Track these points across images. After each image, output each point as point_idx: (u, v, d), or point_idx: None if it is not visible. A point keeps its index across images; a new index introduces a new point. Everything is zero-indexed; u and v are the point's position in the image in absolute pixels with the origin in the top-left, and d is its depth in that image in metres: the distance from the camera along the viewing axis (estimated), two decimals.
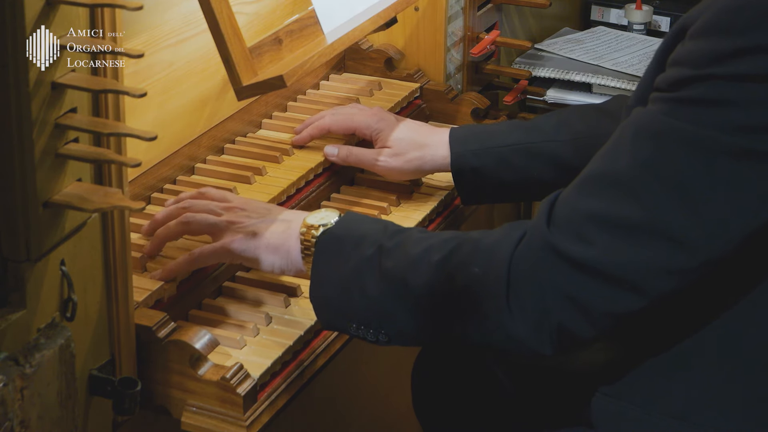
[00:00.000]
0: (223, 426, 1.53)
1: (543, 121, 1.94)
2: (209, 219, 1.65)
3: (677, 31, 1.39)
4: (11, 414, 1.30)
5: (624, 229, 1.37)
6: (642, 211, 1.36)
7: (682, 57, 1.36)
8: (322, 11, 1.86)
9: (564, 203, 1.42)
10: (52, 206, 1.34)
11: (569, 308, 1.40)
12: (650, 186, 1.36)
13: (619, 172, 1.38)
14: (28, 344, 1.35)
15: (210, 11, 1.67)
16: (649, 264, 1.37)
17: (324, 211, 1.63)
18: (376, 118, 1.97)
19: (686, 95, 1.34)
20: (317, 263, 1.58)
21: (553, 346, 1.43)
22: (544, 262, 1.41)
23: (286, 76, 1.67)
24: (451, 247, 1.49)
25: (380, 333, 1.54)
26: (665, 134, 1.35)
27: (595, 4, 2.92)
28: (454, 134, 1.94)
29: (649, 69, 1.44)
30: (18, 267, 1.34)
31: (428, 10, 2.25)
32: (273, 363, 1.58)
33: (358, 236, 1.56)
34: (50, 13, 1.29)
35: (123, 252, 1.47)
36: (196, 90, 1.88)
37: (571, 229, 1.40)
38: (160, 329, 1.54)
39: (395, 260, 1.51)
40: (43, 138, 1.31)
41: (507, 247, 1.44)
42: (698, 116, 1.33)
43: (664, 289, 1.39)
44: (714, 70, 1.32)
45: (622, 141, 1.40)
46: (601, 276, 1.39)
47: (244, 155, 1.96)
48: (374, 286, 1.52)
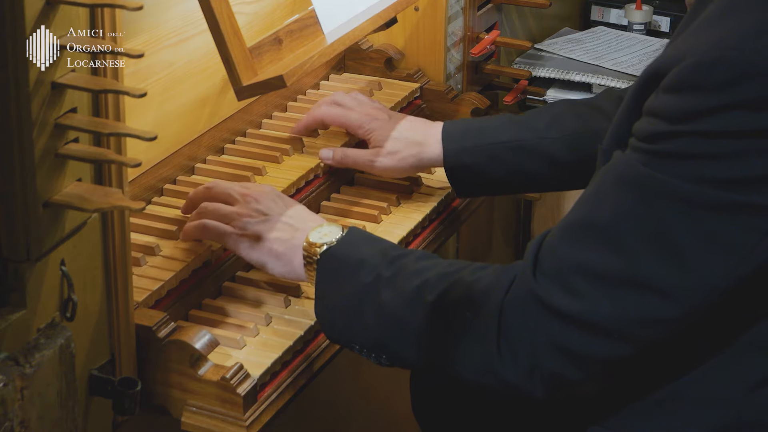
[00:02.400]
0: (223, 426, 1.53)
1: (535, 117, 1.95)
2: (221, 209, 1.68)
3: (650, 75, 1.38)
4: (11, 414, 1.30)
5: (609, 281, 1.38)
6: (624, 262, 1.37)
7: (656, 109, 1.35)
8: (322, 11, 1.86)
9: (549, 251, 1.43)
10: (52, 206, 1.34)
11: (558, 356, 1.42)
12: (632, 237, 1.36)
13: (601, 222, 1.38)
14: (28, 344, 1.35)
15: (210, 11, 1.67)
16: (635, 315, 1.38)
17: (327, 227, 1.64)
18: (369, 118, 1.98)
19: (663, 149, 1.34)
20: (320, 283, 1.60)
21: (546, 390, 1.45)
22: (531, 312, 1.42)
23: (286, 76, 1.67)
24: (444, 287, 1.50)
25: (382, 357, 1.57)
26: (645, 185, 1.35)
27: (595, 4, 2.92)
28: (447, 131, 1.95)
29: (624, 111, 1.44)
30: (18, 267, 1.34)
31: (428, 10, 2.25)
32: (273, 363, 1.58)
33: (358, 260, 1.58)
34: (50, 13, 1.29)
35: (123, 252, 1.47)
36: (196, 90, 1.88)
37: (556, 280, 1.41)
38: (160, 329, 1.54)
39: (392, 293, 1.53)
40: (43, 138, 1.31)
41: (498, 293, 1.45)
42: (677, 169, 1.33)
43: (652, 338, 1.41)
44: (688, 127, 1.32)
45: (603, 188, 1.40)
46: (588, 327, 1.40)
47: (244, 155, 1.96)
48: (372, 317, 1.54)
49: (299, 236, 1.64)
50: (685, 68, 1.32)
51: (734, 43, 1.30)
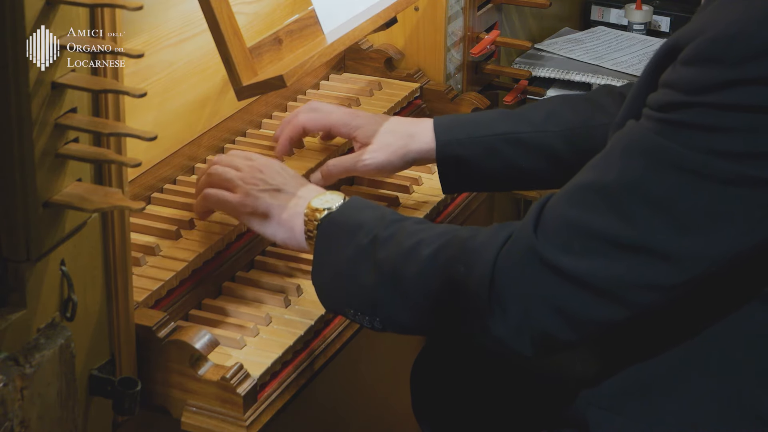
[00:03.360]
0: (223, 426, 1.53)
1: (532, 111, 1.91)
2: (227, 173, 1.69)
3: (668, 50, 1.39)
4: (11, 414, 1.30)
5: (609, 243, 1.38)
6: (628, 226, 1.37)
7: (673, 81, 1.36)
8: (322, 11, 1.86)
9: (553, 211, 1.43)
10: (52, 206, 1.34)
11: (551, 315, 1.41)
12: (638, 203, 1.36)
13: (609, 186, 1.39)
14: (28, 344, 1.35)
15: (210, 11, 1.67)
16: (633, 279, 1.38)
17: (329, 194, 1.64)
18: (353, 116, 1.93)
19: (676, 119, 1.35)
20: (318, 248, 1.60)
21: (535, 349, 1.44)
22: (528, 267, 1.41)
23: (286, 76, 1.67)
24: (440, 243, 1.50)
25: (375, 320, 1.55)
26: (655, 153, 1.36)
27: (595, 4, 2.92)
28: (439, 123, 1.90)
29: (639, 85, 1.44)
30: (18, 267, 1.34)
31: (428, 10, 2.25)
32: (273, 363, 1.58)
33: (356, 224, 1.57)
34: (50, 13, 1.29)
35: (123, 252, 1.47)
36: (196, 90, 1.88)
37: (557, 239, 1.40)
38: (160, 329, 1.54)
39: (388, 251, 1.52)
40: (43, 138, 1.31)
41: (492, 248, 1.44)
42: (688, 140, 1.34)
43: (648, 304, 1.40)
44: (704, 99, 1.32)
45: (614, 153, 1.40)
46: (584, 287, 1.39)
47: None
48: (368, 276, 1.53)
49: (302, 203, 1.64)
50: (703, 42, 1.33)
51: (754, 18, 1.31)
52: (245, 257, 1.78)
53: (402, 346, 2.51)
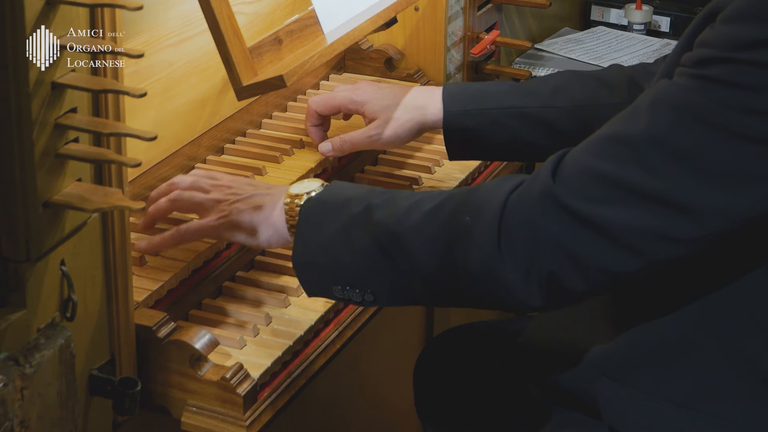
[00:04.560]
0: (223, 426, 1.53)
1: (540, 85, 1.92)
2: (196, 197, 1.65)
3: (707, 14, 1.38)
4: (11, 414, 1.30)
5: (629, 191, 1.37)
6: (650, 177, 1.36)
7: (709, 39, 1.35)
8: (322, 11, 1.86)
9: (573, 159, 1.41)
10: (52, 206, 1.34)
11: (563, 258, 1.39)
12: (662, 154, 1.35)
13: (634, 136, 1.37)
14: (28, 344, 1.35)
15: (210, 11, 1.67)
16: (650, 228, 1.37)
17: (307, 181, 1.61)
18: (357, 91, 1.95)
19: (710, 74, 1.34)
20: (302, 228, 1.55)
21: (543, 296, 1.42)
22: (542, 209, 1.39)
23: (286, 76, 1.67)
24: (442, 199, 1.48)
25: (366, 292, 1.51)
26: (685, 107, 1.35)
27: (595, 4, 2.92)
28: (448, 92, 1.91)
29: (676, 48, 1.44)
30: (18, 267, 1.34)
31: (428, 10, 2.25)
32: (273, 363, 1.58)
33: (344, 199, 1.54)
34: (50, 13, 1.29)
35: (123, 252, 1.47)
36: (196, 90, 1.88)
37: (576, 184, 1.39)
38: (160, 329, 1.54)
39: (385, 213, 1.49)
40: (43, 138, 1.31)
41: (500, 194, 1.43)
42: (720, 96, 1.33)
43: (661, 255, 1.39)
44: (740, 55, 1.31)
45: (641, 106, 1.39)
46: (599, 232, 1.38)
47: (244, 155, 1.96)
48: (362, 239, 1.49)
49: (278, 197, 1.60)
50: (743, 0, 1.32)
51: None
52: (245, 257, 1.78)
53: (402, 346, 2.51)
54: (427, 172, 2.06)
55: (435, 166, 2.06)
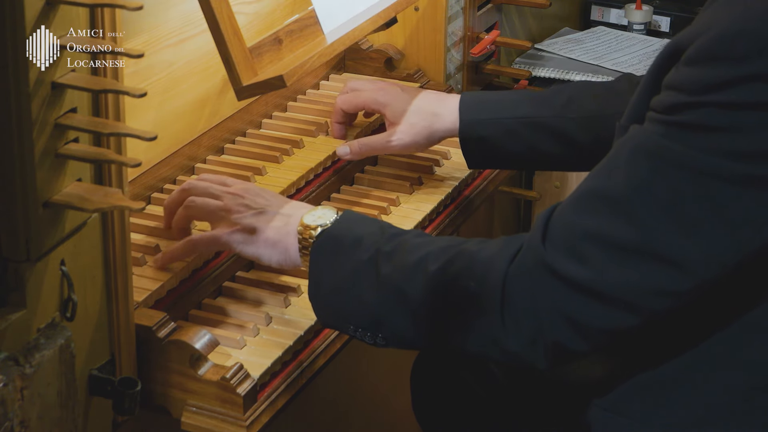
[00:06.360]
0: (223, 426, 1.53)
1: (553, 95, 1.95)
2: (209, 205, 1.65)
3: (671, 51, 1.38)
4: (11, 414, 1.30)
5: (619, 250, 1.37)
6: (636, 231, 1.36)
7: (677, 82, 1.35)
8: (322, 11, 1.86)
9: (560, 219, 1.42)
10: (52, 206, 1.34)
11: (563, 325, 1.41)
12: (645, 207, 1.35)
13: (615, 191, 1.37)
14: (28, 344, 1.35)
15: (210, 11, 1.67)
16: (644, 285, 1.37)
17: (321, 209, 1.62)
18: (381, 92, 1.98)
19: (681, 120, 1.33)
20: (314, 264, 1.57)
21: (548, 360, 1.44)
22: (538, 280, 1.41)
23: (286, 76, 1.67)
24: (447, 258, 1.49)
25: (378, 336, 1.54)
26: (661, 156, 1.35)
27: (595, 4, 2.93)
28: (465, 101, 1.94)
29: (643, 88, 1.43)
30: (18, 267, 1.34)
31: (428, 10, 2.25)
32: (273, 363, 1.58)
33: (355, 238, 1.55)
34: (50, 13, 1.29)
35: (123, 252, 1.47)
36: (196, 90, 1.88)
37: (566, 247, 1.40)
38: (160, 329, 1.54)
39: (392, 267, 1.51)
40: (43, 138, 1.31)
41: (502, 262, 1.44)
42: (694, 141, 1.33)
43: (659, 309, 1.40)
44: (709, 98, 1.31)
45: (619, 158, 1.39)
46: (595, 295, 1.39)
47: (244, 155, 1.96)
48: (371, 292, 1.52)
49: (293, 221, 1.61)
50: (706, 41, 1.32)
51: (756, 15, 1.30)
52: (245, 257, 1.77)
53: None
54: (428, 172, 2.06)
55: (435, 166, 2.06)
